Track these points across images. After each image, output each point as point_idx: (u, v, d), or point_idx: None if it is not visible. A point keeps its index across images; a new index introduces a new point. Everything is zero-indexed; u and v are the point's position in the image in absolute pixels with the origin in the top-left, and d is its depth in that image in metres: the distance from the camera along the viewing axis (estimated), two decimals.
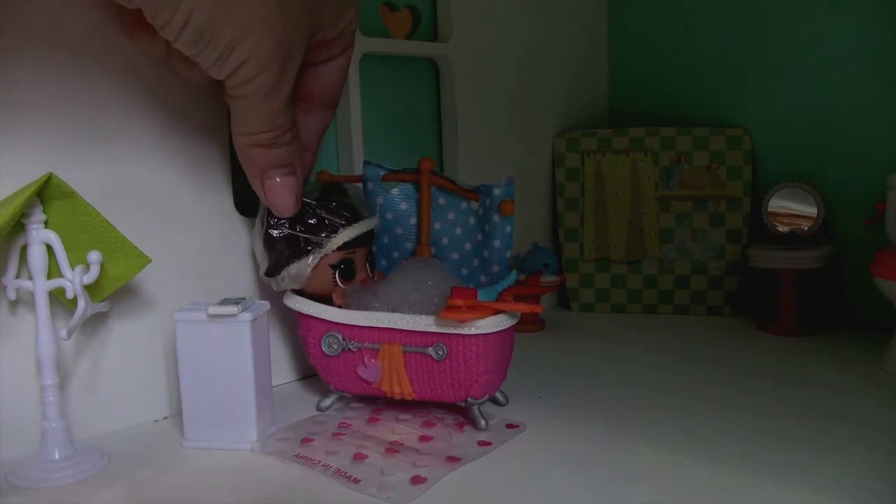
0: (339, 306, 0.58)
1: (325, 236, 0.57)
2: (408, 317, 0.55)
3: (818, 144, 0.82)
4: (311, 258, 0.57)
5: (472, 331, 0.53)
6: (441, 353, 0.54)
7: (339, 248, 0.58)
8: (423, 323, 0.54)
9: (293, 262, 0.57)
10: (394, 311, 0.56)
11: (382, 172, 0.64)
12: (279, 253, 0.57)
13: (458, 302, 0.52)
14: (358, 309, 0.57)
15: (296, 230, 0.57)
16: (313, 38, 0.51)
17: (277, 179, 0.54)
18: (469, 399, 0.55)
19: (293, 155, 0.54)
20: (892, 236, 0.69)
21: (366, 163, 0.65)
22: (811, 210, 0.81)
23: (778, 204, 0.82)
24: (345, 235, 0.57)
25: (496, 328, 0.54)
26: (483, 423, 0.56)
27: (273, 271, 0.58)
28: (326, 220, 0.57)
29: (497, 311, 0.54)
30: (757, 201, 0.85)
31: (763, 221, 0.83)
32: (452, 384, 0.55)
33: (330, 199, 0.58)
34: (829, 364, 0.68)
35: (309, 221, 0.57)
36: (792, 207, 0.82)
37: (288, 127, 0.52)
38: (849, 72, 0.79)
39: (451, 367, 0.54)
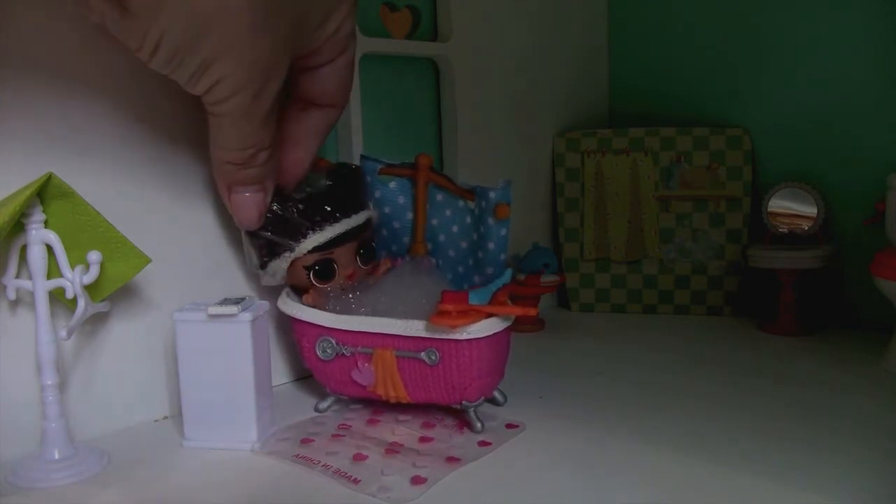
0: (313, 306, 0.58)
1: (294, 240, 0.57)
2: (400, 322, 0.55)
3: (818, 144, 0.82)
4: (282, 261, 0.57)
5: (464, 336, 0.53)
6: (434, 358, 0.54)
7: (314, 250, 0.57)
8: (415, 328, 0.54)
9: (271, 260, 0.58)
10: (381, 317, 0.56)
11: (379, 166, 0.64)
12: (259, 250, 0.58)
13: (449, 307, 0.52)
14: (341, 313, 0.57)
15: (267, 231, 0.57)
16: (298, 51, 0.50)
17: (246, 195, 0.54)
18: (464, 402, 0.55)
19: (266, 174, 0.53)
20: (892, 236, 0.69)
21: (363, 157, 0.65)
22: (811, 210, 0.81)
23: (778, 204, 0.82)
24: (313, 241, 0.57)
25: (488, 332, 0.53)
26: (479, 425, 0.55)
27: (258, 267, 0.59)
28: (297, 223, 0.56)
29: (489, 315, 0.54)
30: (757, 201, 0.85)
31: (763, 221, 0.83)
32: (446, 388, 0.54)
33: (313, 197, 0.57)
34: (829, 364, 0.68)
35: (279, 224, 0.56)
36: (792, 207, 0.82)
37: (265, 145, 0.51)
38: (849, 72, 0.79)
39: (445, 372, 0.54)
